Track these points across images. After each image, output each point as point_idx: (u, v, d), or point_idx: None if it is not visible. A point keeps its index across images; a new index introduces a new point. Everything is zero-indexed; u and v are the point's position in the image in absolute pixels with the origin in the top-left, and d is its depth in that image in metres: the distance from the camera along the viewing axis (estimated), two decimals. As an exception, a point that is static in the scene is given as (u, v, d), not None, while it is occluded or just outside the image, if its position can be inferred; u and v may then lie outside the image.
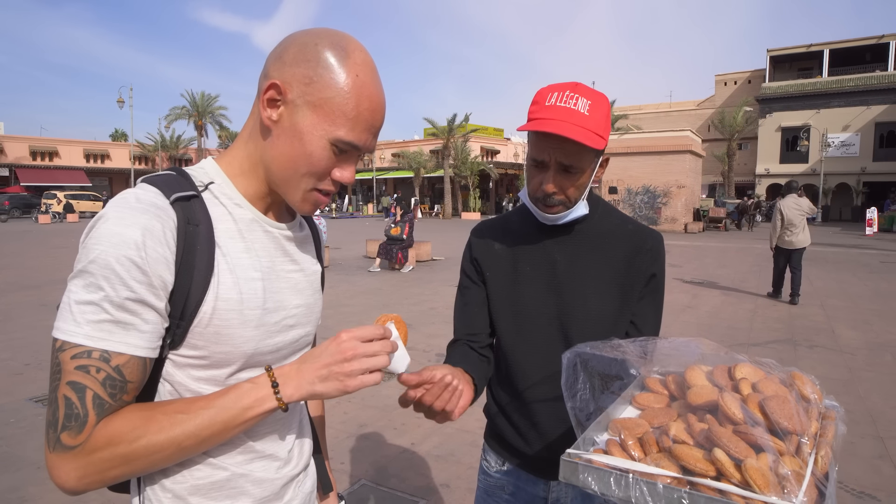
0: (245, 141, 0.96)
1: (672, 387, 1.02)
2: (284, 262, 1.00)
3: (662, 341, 1.10)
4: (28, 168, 43.88)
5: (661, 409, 0.97)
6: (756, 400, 0.89)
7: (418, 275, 11.95)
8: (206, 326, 0.86)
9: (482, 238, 1.48)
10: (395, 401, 4.80)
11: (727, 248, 18.71)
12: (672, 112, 52.32)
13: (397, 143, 51.11)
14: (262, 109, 0.88)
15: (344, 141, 0.88)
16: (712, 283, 11.07)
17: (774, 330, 7.34)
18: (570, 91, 1.22)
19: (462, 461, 3.67)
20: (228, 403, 0.83)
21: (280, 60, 0.88)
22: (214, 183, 0.94)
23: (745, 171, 45.77)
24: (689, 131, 29.03)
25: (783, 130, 42.75)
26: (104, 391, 0.78)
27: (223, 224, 0.91)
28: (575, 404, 1.00)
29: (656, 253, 1.37)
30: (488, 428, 1.54)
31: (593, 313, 1.33)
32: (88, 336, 0.77)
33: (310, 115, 0.86)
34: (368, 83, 0.88)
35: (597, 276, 1.35)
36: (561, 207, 1.30)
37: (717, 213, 28.72)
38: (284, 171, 0.90)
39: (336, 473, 3.50)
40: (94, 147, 48.77)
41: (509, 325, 1.41)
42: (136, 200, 0.83)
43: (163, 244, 0.81)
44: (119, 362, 0.79)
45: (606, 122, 1.25)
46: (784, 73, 46.82)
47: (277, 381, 0.85)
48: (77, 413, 0.77)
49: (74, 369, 0.77)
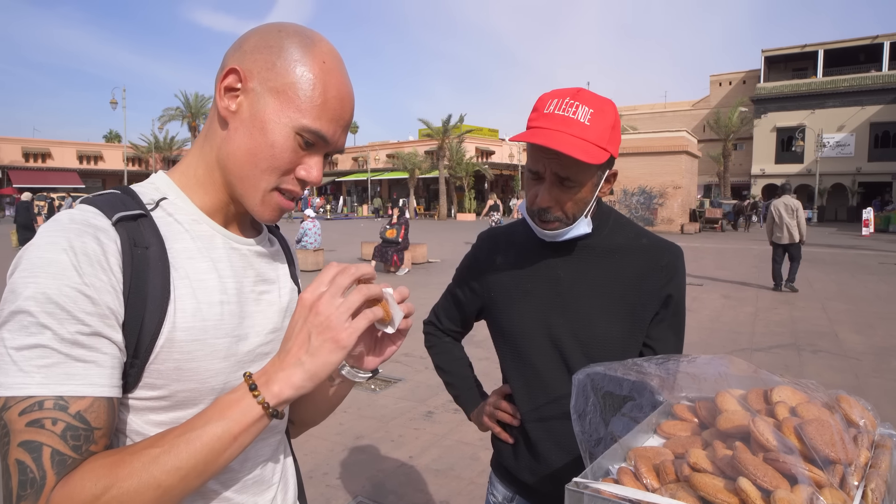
0: (200, 146, 0.85)
1: (702, 413, 0.92)
2: (255, 283, 0.88)
3: (685, 361, 0.98)
4: (21, 170, 43.56)
5: (687, 438, 0.88)
6: (792, 424, 0.78)
7: (414, 277, 11.82)
8: (165, 362, 0.73)
9: (486, 248, 1.38)
10: (393, 410, 4.72)
11: (724, 249, 18.65)
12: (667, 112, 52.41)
13: (392, 143, 51.05)
14: (219, 99, 0.78)
15: (310, 130, 0.78)
16: (711, 285, 10.98)
17: (777, 334, 7.23)
18: (570, 98, 1.11)
19: (462, 476, 3.54)
20: (210, 422, 0.68)
21: (240, 50, 0.79)
22: (167, 199, 0.81)
23: (741, 171, 45.84)
24: (685, 132, 29.02)
25: (778, 131, 42.79)
26: (65, 445, 0.64)
27: (180, 243, 0.79)
28: (583, 428, 0.89)
29: (673, 270, 1.24)
30: (494, 457, 1.44)
31: (599, 336, 1.21)
32: (41, 384, 0.64)
33: (272, 101, 0.78)
34: (335, 70, 0.80)
35: (604, 295, 1.22)
36: (557, 224, 1.18)
37: (714, 213, 28.70)
38: (243, 166, 0.79)
39: (331, 489, 3.37)
40: (88, 148, 48.48)
41: (509, 346, 1.31)
42: (69, 221, 0.70)
43: (105, 270, 0.69)
44: (80, 407, 0.65)
45: (613, 132, 1.13)
46: (779, 73, 46.94)
47: (256, 382, 0.70)
48: (32, 478, 0.63)
49: (25, 426, 0.63)
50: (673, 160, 27.33)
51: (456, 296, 1.45)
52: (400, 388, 5.07)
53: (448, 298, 1.49)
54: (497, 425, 1.38)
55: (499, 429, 1.37)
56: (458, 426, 4.30)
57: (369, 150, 51.20)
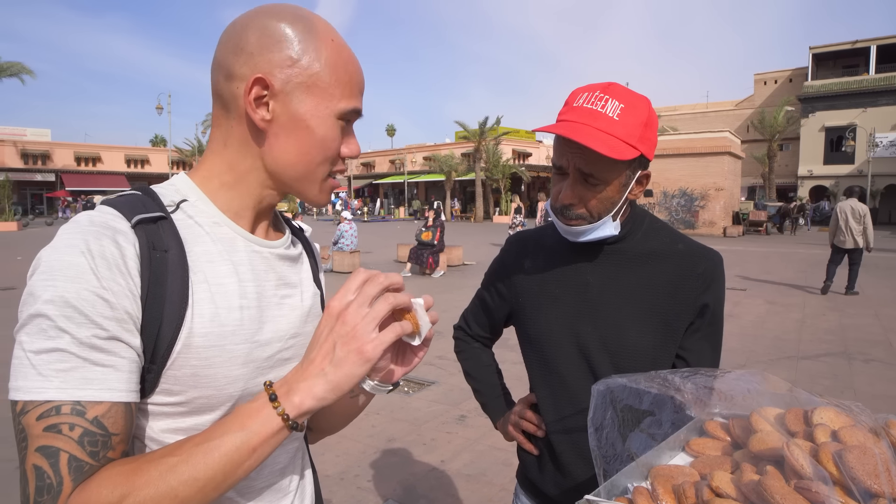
0: (219, 152, 0.82)
1: (736, 431, 0.86)
2: (277, 286, 0.86)
3: (715, 375, 0.92)
4: (73, 173, 45.40)
5: (717, 458, 0.82)
6: (830, 450, 0.71)
7: (449, 280, 11.81)
8: (182, 367, 0.72)
9: (514, 252, 1.34)
10: (426, 413, 4.70)
11: (769, 253, 18.06)
12: (709, 113, 51.11)
13: (428, 146, 51.25)
14: (251, 112, 0.75)
15: (348, 110, 0.81)
16: (755, 290, 10.63)
17: (825, 342, 6.94)
18: (600, 91, 1.06)
19: (494, 482, 3.49)
20: (228, 433, 0.67)
21: (244, 53, 0.76)
22: (187, 201, 0.80)
23: (787, 172, 44.35)
24: (728, 132, 28.24)
25: (827, 130, 41.23)
26: (82, 451, 0.63)
27: (200, 246, 0.77)
28: (599, 443, 0.85)
29: (710, 278, 1.17)
30: (519, 468, 1.40)
31: (629, 345, 1.15)
32: (59, 388, 0.63)
33: (306, 98, 0.78)
34: (343, 44, 0.81)
35: (635, 303, 1.16)
36: (581, 221, 1.13)
37: (758, 216, 27.82)
38: (297, 166, 0.80)
39: (361, 492, 3.36)
40: (135, 152, 50.30)
41: (536, 354, 1.26)
42: (89, 223, 0.69)
43: (124, 274, 0.68)
44: (97, 413, 0.65)
45: (645, 130, 1.06)
46: (828, 70, 45.27)
47: (276, 392, 0.69)
48: (49, 483, 0.62)
49: (43, 431, 0.63)
50: (715, 161, 26.63)
51: (484, 301, 1.42)
52: (433, 392, 5.05)
53: (476, 303, 1.46)
54: (521, 435, 1.33)
55: (523, 438, 1.33)
56: (491, 431, 4.24)
57: (406, 153, 51.53)
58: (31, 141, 45.17)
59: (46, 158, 44.94)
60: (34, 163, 44.51)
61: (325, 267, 13.14)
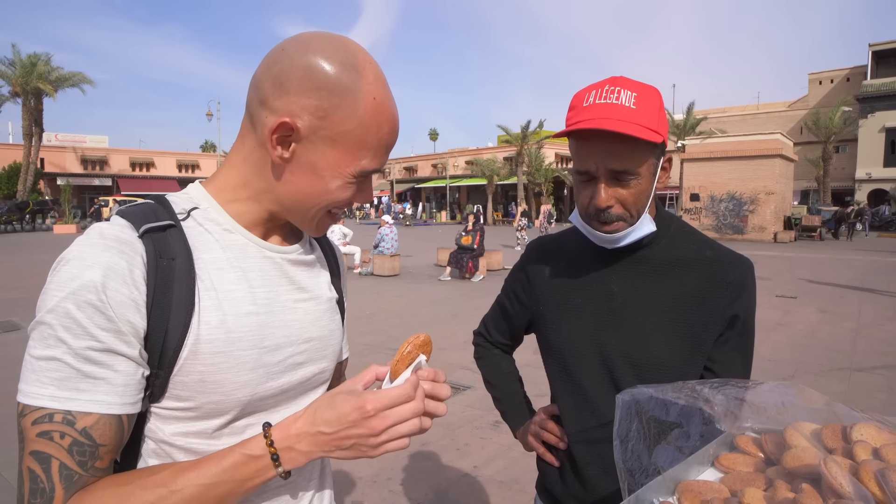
0: (238, 167, 0.84)
1: (769, 447, 0.82)
2: (290, 291, 0.87)
3: (746, 387, 0.88)
4: (128, 178, 47.34)
5: (748, 474, 0.79)
6: (872, 469, 0.67)
7: (488, 284, 11.76)
8: (189, 374, 0.74)
9: (535, 258, 1.31)
10: (460, 418, 4.68)
11: (823, 260, 17.34)
12: (760, 114, 49.49)
13: (471, 150, 51.26)
14: (270, 148, 0.77)
15: (367, 171, 0.81)
16: (806, 298, 10.22)
17: (882, 353, 6.60)
18: (609, 85, 1.03)
19: (527, 490, 3.45)
20: (223, 476, 0.71)
21: (282, 88, 0.75)
22: (198, 208, 0.82)
23: (843, 175, 42.51)
24: (780, 134, 27.24)
25: (887, 131, 39.36)
26: (72, 460, 0.67)
27: (208, 254, 0.79)
28: (624, 455, 0.82)
29: (740, 287, 1.11)
30: (539, 479, 1.38)
31: (654, 358, 1.11)
32: (53, 397, 0.67)
33: (329, 151, 0.78)
34: (386, 103, 0.79)
35: (661, 313, 1.11)
36: (621, 223, 1.08)
37: (811, 221, 26.74)
38: (300, 204, 0.82)
39: (393, 495, 3.37)
40: (186, 158, 52.05)
41: (558, 364, 1.22)
42: (98, 236, 0.72)
43: (128, 284, 0.70)
44: (86, 424, 0.68)
45: (660, 115, 1.04)
46: (889, 68, 43.18)
47: (279, 453, 0.72)
48: (42, 488, 0.66)
49: (36, 436, 0.67)
50: (765, 164, 25.75)
51: (504, 307, 1.39)
52: (468, 396, 5.05)
53: (497, 309, 1.43)
54: (542, 446, 1.31)
55: (543, 449, 1.30)
56: (526, 438, 4.20)
57: (448, 157, 51.69)
58: (90, 147, 47.32)
59: (104, 164, 46.96)
60: (93, 168, 46.58)
61: (366, 270, 13.29)
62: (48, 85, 32.56)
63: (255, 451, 0.72)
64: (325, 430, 0.72)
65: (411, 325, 7.81)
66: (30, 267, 13.88)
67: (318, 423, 0.72)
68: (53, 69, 33.58)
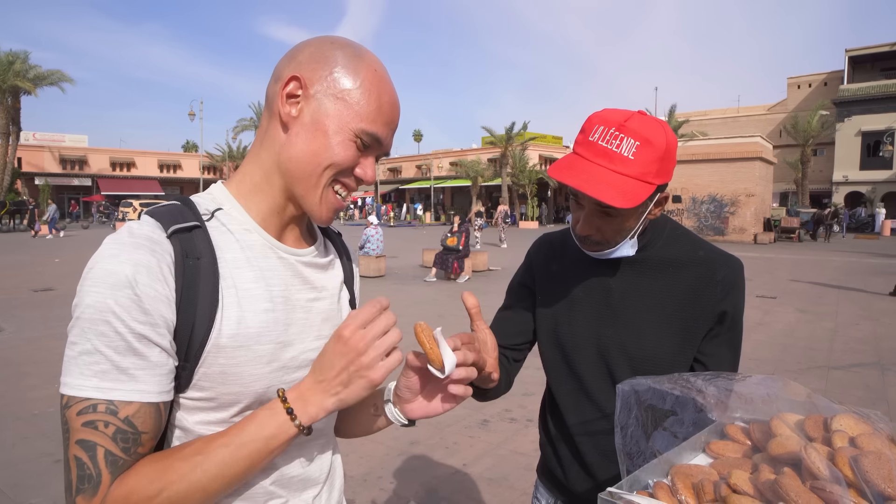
0: (256, 153, 0.89)
1: (756, 436, 0.88)
2: (303, 291, 0.91)
3: (735, 379, 0.94)
4: (108, 178, 46.69)
5: (736, 460, 0.85)
6: (847, 455, 0.74)
7: (474, 285, 11.82)
8: (212, 366, 0.79)
9: (542, 254, 1.37)
10: (449, 417, 4.72)
11: (801, 261, 17.67)
12: (740, 117, 50.19)
13: (455, 151, 51.32)
14: (280, 106, 0.83)
15: (368, 132, 0.84)
16: (786, 298, 10.42)
17: (858, 352, 6.78)
18: (615, 129, 1.05)
19: (516, 486, 3.51)
20: (249, 436, 0.76)
21: (294, 60, 0.84)
22: (222, 209, 0.87)
23: (821, 178, 43.26)
24: (759, 137, 27.68)
25: (864, 135, 40.13)
26: (116, 447, 0.72)
27: (230, 253, 0.83)
28: (624, 441, 0.88)
29: (729, 285, 1.19)
30: (540, 462, 1.44)
31: (648, 350, 1.18)
32: (97, 388, 0.71)
33: (332, 106, 0.83)
34: (386, 79, 0.87)
35: (655, 309, 1.19)
36: (599, 247, 1.17)
37: (790, 222, 27.20)
38: (305, 166, 0.84)
39: (384, 493, 3.41)
40: (167, 158, 51.52)
41: (556, 355, 1.30)
42: (129, 235, 0.77)
43: (160, 281, 0.74)
44: (128, 413, 0.72)
45: (662, 162, 1.07)
46: (865, 73, 44.08)
47: (293, 406, 0.78)
48: (90, 474, 0.71)
49: (82, 426, 0.71)
50: (746, 167, 26.15)
51: (510, 307, 1.41)
52: (456, 396, 5.08)
53: (502, 312, 1.43)
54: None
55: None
56: (514, 436, 4.26)
57: (432, 158, 51.70)
58: (68, 147, 46.63)
59: (83, 164, 46.31)
60: (72, 168, 45.90)
61: (351, 271, 13.24)
62: (27, 83, 32.03)
63: (274, 408, 0.78)
64: (322, 376, 0.78)
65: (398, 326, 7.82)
66: (8, 268, 13.66)
67: (316, 373, 0.79)
68: (31, 67, 33.04)
